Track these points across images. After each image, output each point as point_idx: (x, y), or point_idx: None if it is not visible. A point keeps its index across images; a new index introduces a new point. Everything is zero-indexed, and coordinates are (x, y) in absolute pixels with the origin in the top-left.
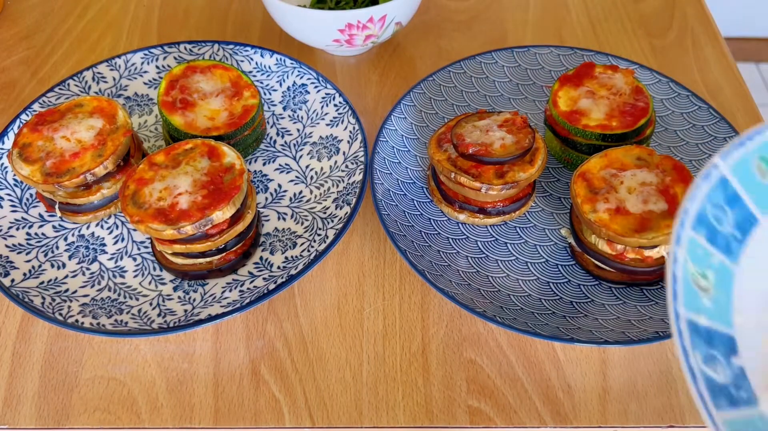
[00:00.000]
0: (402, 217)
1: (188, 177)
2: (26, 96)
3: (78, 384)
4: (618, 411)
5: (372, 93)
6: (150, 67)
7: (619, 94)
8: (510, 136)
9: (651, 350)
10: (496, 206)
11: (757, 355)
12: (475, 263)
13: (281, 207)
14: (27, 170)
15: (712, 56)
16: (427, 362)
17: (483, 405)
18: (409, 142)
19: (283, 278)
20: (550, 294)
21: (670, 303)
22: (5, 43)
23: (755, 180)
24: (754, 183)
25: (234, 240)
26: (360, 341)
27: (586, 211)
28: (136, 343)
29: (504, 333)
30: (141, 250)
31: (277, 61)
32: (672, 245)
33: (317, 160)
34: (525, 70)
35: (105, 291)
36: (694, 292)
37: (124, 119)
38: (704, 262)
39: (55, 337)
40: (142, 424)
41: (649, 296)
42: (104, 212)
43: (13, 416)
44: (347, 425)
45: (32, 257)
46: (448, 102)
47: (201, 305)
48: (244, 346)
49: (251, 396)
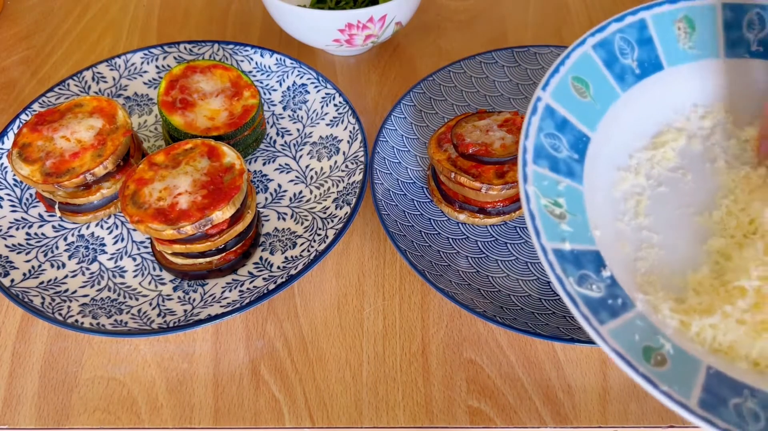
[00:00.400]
0: (402, 217)
1: (188, 177)
2: (26, 96)
3: (78, 384)
4: (618, 411)
5: (372, 93)
6: (150, 67)
7: None
8: (510, 136)
9: None
10: (496, 206)
11: (620, 261)
12: (475, 263)
13: (281, 207)
14: (27, 170)
15: None
16: (427, 362)
17: (483, 405)
18: (409, 142)
19: (282, 278)
20: (550, 294)
21: (534, 241)
22: (5, 43)
23: (575, 100)
24: (575, 103)
25: (234, 241)
26: (360, 341)
27: None
28: (135, 343)
29: (504, 333)
30: (141, 250)
31: (277, 61)
32: (520, 185)
33: (317, 160)
34: (525, 70)
35: (105, 291)
36: (553, 223)
37: (124, 119)
38: (553, 191)
39: (55, 337)
40: (142, 424)
41: None
42: (104, 212)
43: (13, 416)
44: (347, 425)
45: (32, 257)
46: (448, 102)
47: (201, 305)
48: (244, 346)
49: (251, 397)
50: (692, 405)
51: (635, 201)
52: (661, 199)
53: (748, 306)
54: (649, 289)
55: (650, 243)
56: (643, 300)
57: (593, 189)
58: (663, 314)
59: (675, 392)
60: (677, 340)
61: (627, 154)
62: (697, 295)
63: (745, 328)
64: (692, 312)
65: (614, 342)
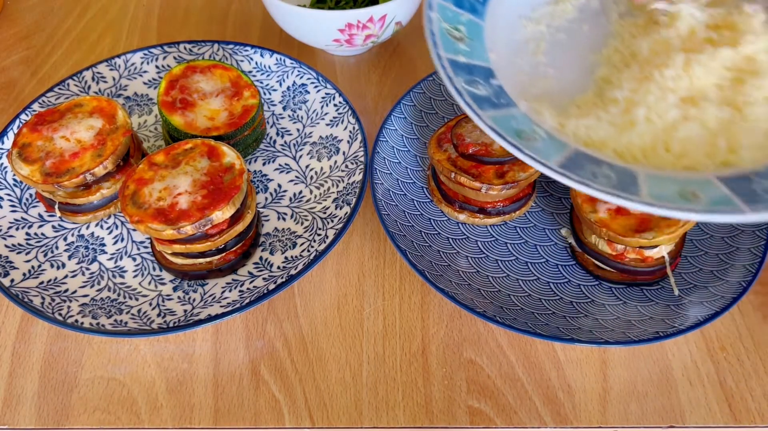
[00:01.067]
0: (402, 217)
1: (188, 177)
2: (26, 96)
3: (78, 384)
4: (618, 411)
5: (372, 93)
6: (150, 67)
7: None
8: None
9: (651, 350)
10: (496, 206)
11: (513, 82)
12: (475, 263)
13: (281, 207)
14: (26, 170)
15: None
16: (427, 362)
17: (483, 405)
18: (409, 142)
19: (282, 278)
20: (550, 294)
21: (431, 51)
22: (5, 43)
23: None
24: None
25: (234, 241)
26: (360, 341)
27: (586, 211)
28: (135, 343)
29: (504, 333)
30: (141, 250)
31: (276, 61)
32: (424, 10)
33: (317, 160)
34: None
35: (105, 291)
36: (451, 41)
37: (124, 119)
38: (455, 20)
39: (55, 337)
40: (141, 424)
41: (649, 296)
42: (104, 212)
43: (13, 416)
44: (347, 425)
45: (32, 257)
46: (448, 102)
47: (201, 305)
48: (244, 346)
49: (251, 397)
50: (552, 165)
51: (535, 44)
52: (558, 43)
53: (618, 112)
54: (535, 102)
55: (545, 75)
56: (527, 106)
57: (494, 28)
58: (543, 116)
59: (538, 156)
60: (552, 133)
61: (530, 7)
62: (578, 108)
63: (615, 128)
64: (570, 116)
65: (492, 122)
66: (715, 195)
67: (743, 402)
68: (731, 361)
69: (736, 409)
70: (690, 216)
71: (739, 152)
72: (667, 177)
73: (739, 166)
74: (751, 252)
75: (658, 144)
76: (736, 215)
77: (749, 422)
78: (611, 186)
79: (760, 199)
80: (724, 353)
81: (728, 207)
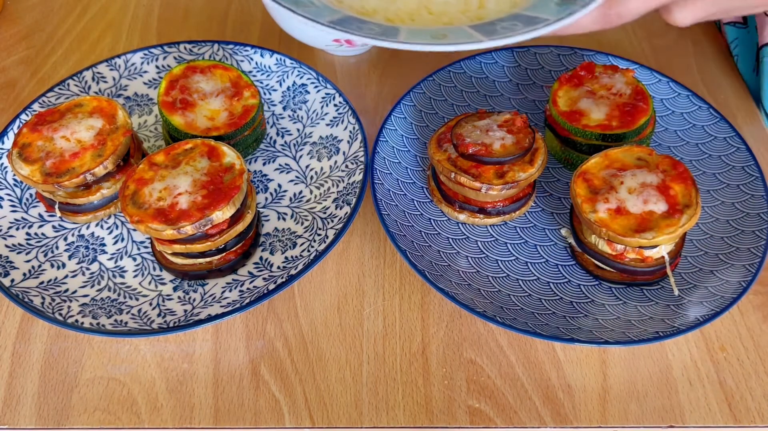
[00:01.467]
0: (402, 217)
1: (188, 177)
2: (26, 96)
3: (78, 384)
4: (618, 411)
5: (372, 93)
6: (150, 67)
7: (619, 94)
8: (510, 136)
9: (651, 350)
10: (496, 206)
11: None
12: (475, 263)
13: (281, 207)
14: (27, 170)
15: (712, 56)
16: (427, 362)
17: (483, 405)
18: (409, 142)
19: (283, 278)
20: (550, 294)
21: None
22: (5, 43)
23: None
24: None
25: (234, 240)
26: (360, 341)
27: (586, 210)
28: (136, 343)
29: (504, 333)
30: (141, 250)
31: (277, 61)
32: None
33: (317, 160)
34: (525, 70)
35: (105, 291)
36: None
37: (124, 119)
38: None
39: (55, 337)
40: (142, 424)
41: (649, 296)
42: (104, 212)
43: (13, 416)
44: (347, 425)
45: (32, 257)
46: (448, 102)
47: (201, 305)
48: (244, 346)
49: (251, 396)
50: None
51: None
52: None
53: None
54: None
55: None
56: None
57: None
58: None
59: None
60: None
61: None
62: None
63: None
64: None
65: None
66: (461, 33)
67: (743, 402)
68: (731, 361)
69: (736, 409)
70: (437, 48)
71: (486, 6)
72: (426, 29)
73: (487, 18)
74: (751, 252)
75: (422, 8)
76: (475, 44)
77: (749, 422)
78: (375, 34)
79: (497, 33)
80: (724, 353)
81: (469, 38)
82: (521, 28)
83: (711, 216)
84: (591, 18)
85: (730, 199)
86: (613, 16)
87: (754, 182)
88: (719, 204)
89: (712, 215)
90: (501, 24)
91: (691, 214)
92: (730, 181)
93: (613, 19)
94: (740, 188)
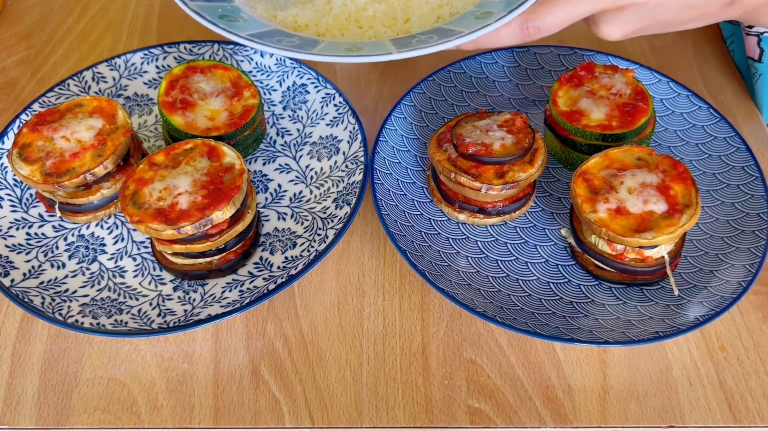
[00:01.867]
0: (402, 217)
1: (188, 177)
2: (26, 96)
3: (78, 384)
4: (618, 411)
5: (372, 93)
6: (150, 67)
7: (619, 94)
8: (510, 136)
9: (651, 350)
10: (496, 206)
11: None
12: (475, 263)
13: (281, 207)
14: (27, 170)
15: (712, 56)
16: (427, 362)
17: (483, 405)
18: (409, 142)
19: (283, 278)
20: (550, 294)
21: None
22: (5, 43)
23: None
24: None
25: (234, 240)
26: (360, 341)
27: (586, 210)
28: (136, 343)
29: (504, 333)
30: (141, 250)
31: (277, 61)
32: None
33: (317, 160)
34: (525, 70)
35: (105, 291)
36: None
37: (124, 119)
38: None
39: (55, 337)
40: (142, 424)
41: (649, 296)
42: (104, 212)
43: (13, 416)
44: (347, 425)
45: (32, 257)
46: (448, 102)
47: (201, 305)
48: (244, 346)
49: (251, 396)
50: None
51: None
52: None
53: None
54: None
55: None
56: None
57: None
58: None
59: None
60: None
61: None
62: (293, 5)
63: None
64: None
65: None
66: (376, 46)
67: (743, 402)
68: (731, 361)
69: (736, 409)
70: (345, 59)
71: (411, 21)
72: (346, 42)
73: (411, 32)
74: (751, 252)
75: (352, 22)
76: (385, 56)
77: (749, 422)
78: (293, 47)
79: (411, 46)
80: (724, 353)
81: (381, 50)
82: (436, 40)
83: (711, 216)
84: (510, 31)
85: (730, 199)
86: (531, 30)
87: (754, 182)
88: (719, 204)
89: (712, 215)
90: (418, 37)
91: (691, 214)
92: (730, 181)
93: (533, 33)
94: (740, 188)
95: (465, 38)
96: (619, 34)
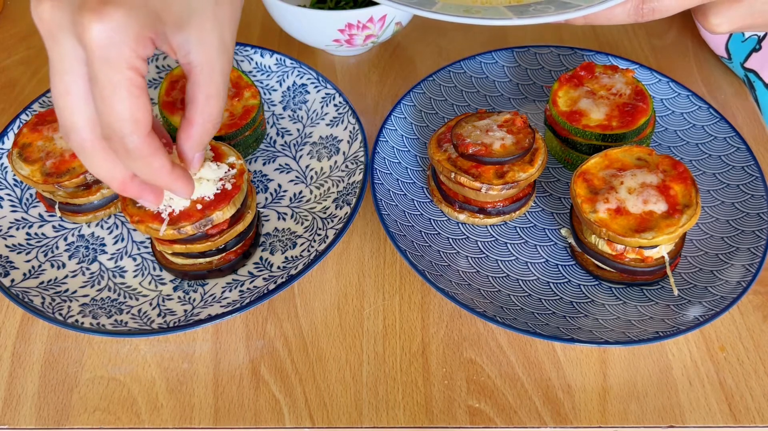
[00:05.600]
0: (402, 217)
1: None
2: (26, 96)
3: (78, 384)
4: (618, 411)
5: (372, 93)
6: (150, 67)
7: (619, 94)
8: (510, 136)
9: (651, 350)
10: (496, 206)
11: None
12: (475, 263)
13: (281, 207)
14: (27, 170)
15: (712, 56)
16: (427, 362)
17: (483, 405)
18: (409, 142)
19: (283, 278)
20: (550, 294)
21: None
22: (5, 43)
23: None
24: None
25: (234, 241)
26: (360, 341)
27: (586, 210)
28: (136, 343)
29: (504, 333)
30: (141, 250)
31: (277, 61)
32: None
33: (317, 160)
34: (525, 70)
35: (105, 291)
36: None
37: None
38: None
39: (55, 337)
40: (142, 424)
41: (649, 296)
42: (104, 212)
43: (13, 416)
44: (347, 425)
45: (32, 257)
46: (448, 102)
47: (201, 305)
48: (244, 346)
49: (251, 396)
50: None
51: None
52: None
53: None
54: None
55: None
56: None
57: None
58: None
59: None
60: None
61: None
62: None
63: None
64: None
65: None
66: (493, 11)
67: (743, 402)
68: (731, 361)
69: (736, 409)
70: (466, 20)
71: None
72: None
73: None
74: (751, 252)
75: None
76: (504, 20)
77: (749, 422)
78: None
79: (528, 13)
80: (724, 353)
81: (500, 15)
82: (553, 11)
83: (711, 216)
84: (624, 10)
85: (730, 199)
86: (647, 11)
87: (754, 182)
88: (719, 204)
89: (712, 215)
90: (534, 6)
91: (691, 214)
92: (730, 181)
93: (647, 14)
94: (740, 188)
95: (582, 11)
96: (727, 28)
